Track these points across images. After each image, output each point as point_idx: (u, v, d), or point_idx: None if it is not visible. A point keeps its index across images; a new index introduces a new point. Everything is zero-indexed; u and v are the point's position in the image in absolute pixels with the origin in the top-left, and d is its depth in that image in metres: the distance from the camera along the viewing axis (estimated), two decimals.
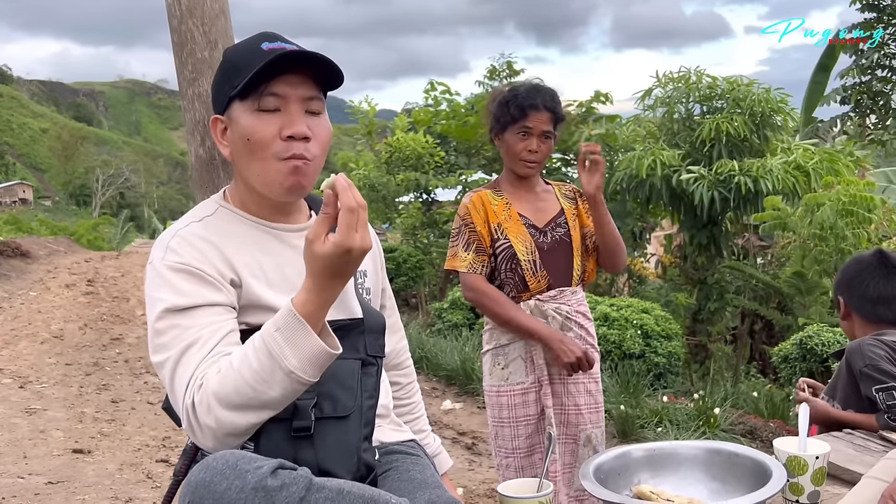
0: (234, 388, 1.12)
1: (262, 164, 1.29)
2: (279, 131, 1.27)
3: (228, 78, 1.30)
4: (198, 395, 1.14)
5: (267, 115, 1.27)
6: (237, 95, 1.28)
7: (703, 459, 1.52)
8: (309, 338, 1.11)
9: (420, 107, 11.78)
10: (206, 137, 2.01)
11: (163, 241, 1.30)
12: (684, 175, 6.67)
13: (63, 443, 4.53)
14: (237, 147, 1.32)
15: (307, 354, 1.11)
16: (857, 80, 13.42)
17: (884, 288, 2.05)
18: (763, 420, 4.73)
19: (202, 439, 1.16)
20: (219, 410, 1.13)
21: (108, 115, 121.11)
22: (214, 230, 1.31)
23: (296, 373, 1.11)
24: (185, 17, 2.05)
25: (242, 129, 1.29)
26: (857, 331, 2.11)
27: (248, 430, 1.16)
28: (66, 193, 70.90)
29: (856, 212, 5.25)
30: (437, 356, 6.43)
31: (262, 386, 1.11)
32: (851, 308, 2.12)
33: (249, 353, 1.13)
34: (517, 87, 2.29)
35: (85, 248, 20.88)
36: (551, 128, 2.24)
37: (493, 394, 2.30)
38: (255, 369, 1.12)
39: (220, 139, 1.37)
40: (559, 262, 2.28)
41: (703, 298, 7.32)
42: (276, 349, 1.11)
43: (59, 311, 9.42)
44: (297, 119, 1.27)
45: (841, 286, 2.16)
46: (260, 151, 1.28)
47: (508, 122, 2.24)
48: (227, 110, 1.32)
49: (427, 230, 10.95)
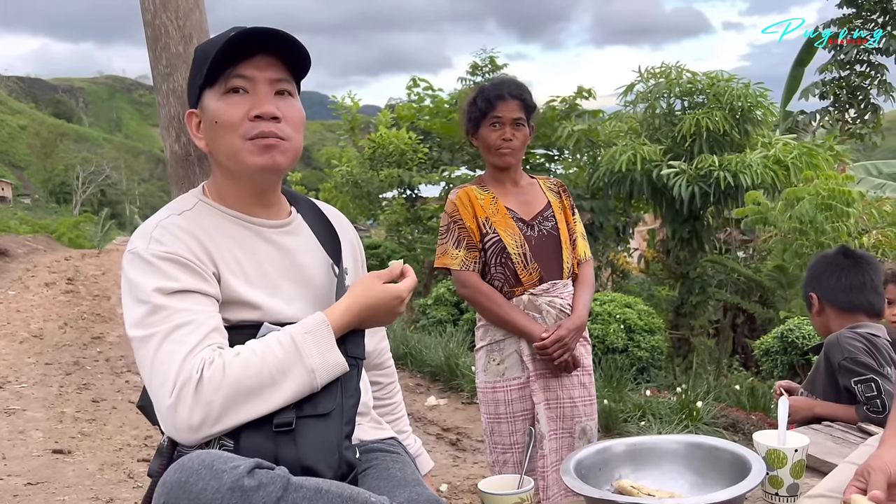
0: (255, 372, 1.15)
1: (232, 145, 1.29)
2: (247, 112, 1.28)
3: (199, 69, 1.31)
4: (208, 370, 1.14)
5: (235, 96, 1.28)
6: (205, 83, 1.29)
7: (684, 454, 1.52)
8: (333, 348, 1.23)
9: (403, 102, 11.75)
10: (181, 133, 1.99)
11: (145, 231, 1.28)
12: (665, 170, 6.70)
13: (43, 443, 4.47)
14: (209, 134, 1.32)
15: (328, 362, 1.21)
16: (837, 74, 13.55)
17: (854, 277, 2.11)
18: (745, 413, 4.77)
19: (188, 418, 1.13)
20: (230, 389, 1.14)
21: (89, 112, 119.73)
22: (194, 223, 1.30)
23: (315, 372, 1.19)
24: (159, 11, 2.02)
25: (211, 114, 1.30)
26: (832, 323, 2.13)
27: (237, 422, 1.15)
28: (46, 191, 70.05)
29: (834, 206, 5.30)
30: (422, 352, 6.43)
31: (280, 377, 1.16)
32: (825, 302, 2.16)
33: (274, 345, 1.19)
34: (483, 84, 2.34)
35: (66, 245, 20.67)
36: (522, 115, 2.25)
37: (488, 390, 2.29)
38: (279, 359, 1.17)
39: (195, 133, 1.36)
40: (549, 255, 2.28)
41: (686, 292, 7.37)
42: (304, 347, 1.20)
43: (38, 310, 9.31)
44: (265, 100, 1.29)
45: (812, 283, 2.21)
46: (229, 133, 1.29)
47: (479, 117, 2.26)
48: (199, 102, 1.32)
49: (411, 226, 10.93)
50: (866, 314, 2.10)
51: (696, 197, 6.59)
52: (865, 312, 2.10)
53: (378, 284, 1.30)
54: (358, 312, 1.28)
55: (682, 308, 7.43)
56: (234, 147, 1.29)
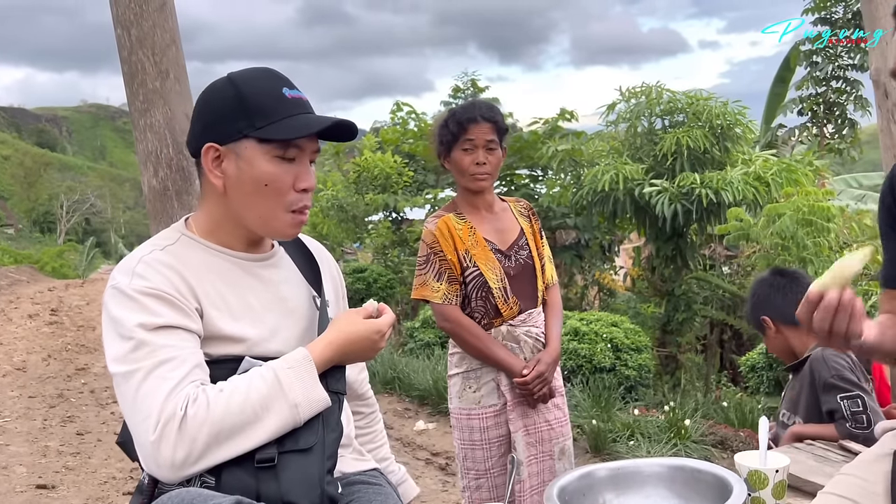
0: (238, 409, 1.16)
1: (272, 210, 1.32)
2: (294, 182, 1.31)
3: (248, 115, 1.29)
4: (192, 408, 1.14)
5: (286, 163, 1.31)
6: (256, 137, 1.29)
7: (667, 476, 1.52)
8: (316, 383, 1.24)
9: (387, 126, 11.81)
10: (158, 168, 1.99)
11: (127, 266, 1.28)
12: (647, 188, 6.75)
13: (26, 478, 4.40)
14: (243, 185, 1.31)
15: (311, 398, 1.22)
16: (813, 91, 13.74)
17: (797, 292, 2.16)
18: (734, 430, 4.77)
19: (171, 455, 1.13)
20: (214, 426, 1.14)
21: (73, 141, 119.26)
22: (177, 258, 1.30)
23: (298, 407, 1.19)
24: (135, 47, 2.03)
25: (260, 174, 1.29)
26: (792, 341, 2.18)
27: (220, 458, 1.15)
28: (30, 220, 69.49)
29: (815, 221, 5.36)
30: (410, 376, 6.39)
31: (263, 412, 1.17)
32: (779, 322, 2.19)
33: (256, 381, 1.20)
34: (454, 107, 2.34)
35: (49, 276, 20.46)
36: (495, 137, 2.24)
37: (462, 417, 2.29)
38: (262, 394, 1.18)
39: (211, 168, 1.32)
40: (526, 286, 2.30)
41: (672, 310, 7.39)
42: (287, 382, 1.20)
43: (21, 342, 9.20)
44: (310, 172, 1.35)
45: (759, 308, 2.25)
46: (275, 198, 1.31)
47: (451, 140, 2.25)
48: (234, 144, 1.30)
49: (397, 249, 10.93)
50: None
51: (678, 214, 6.64)
52: None
53: (359, 319, 1.33)
54: (340, 346, 1.29)
55: (669, 325, 7.45)
56: (273, 213, 1.32)
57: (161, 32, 2.07)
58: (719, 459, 4.24)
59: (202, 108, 1.35)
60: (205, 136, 1.32)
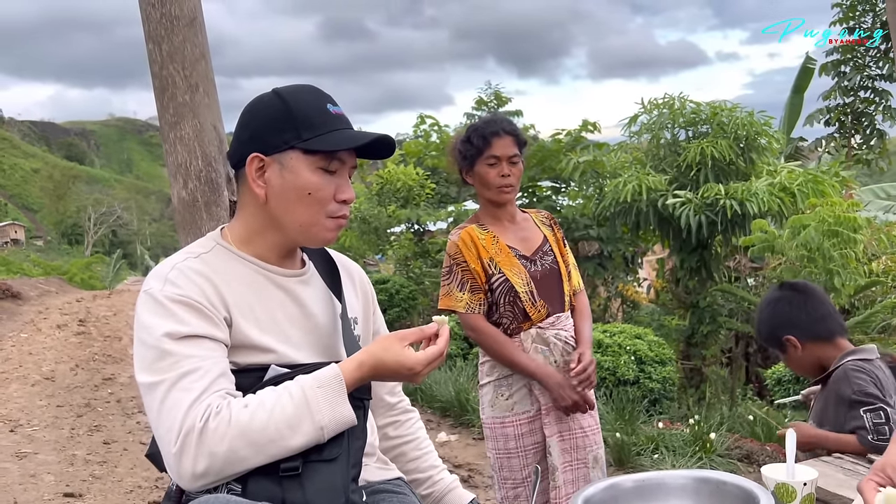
0: (262, 426, 1.16)
1: (314, 218, 1.36)
2: (335, 192, 1.35)
3: (295, 127, 1.33)
4: (213, 421, 1.15)
5: (328, 175, 1.34)
6: (302, 148, 1.33)
7: (692, 489, 1.51)
8: (345, 403, 1.23)
9: (410, 139, 11.87)
10: (188, 180, 2.03)
11: (160, 273, 1.31)
12: (670, 199, 6.72)
13: (54, 486, 4.46)
14: (286, 194, 1.34)
15: (338, 418, 1.22)
16: (841, 101, 13.60)
17: (817, 307, 2.15)
18: (759, 444, 4.71)
19: (191, 466, 1.15)
20: (235, 441, 1.14)
21: (100, 154, 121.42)
22: (210, 267, 1.33)
23: (324, 430, 1.19)
24: (166, 62, 2.08)
25: (304, 183, 1.33)
26: (820, 355, 2.15)
27: (242, 470, 1.16)
28: (58, 233, 70.77)
29: (841, 232, 5.30)
30: (432, 388, 6.39)
31: (288, 432, 1.17)
32: (805, 340, 2.15)
33: (284, 398, 1.20)
34: (474, 123, 2.38)
35: (77, 287, 20.78)
36: (517, 151, 2.29)
37: (497, 426, 2.29)
38: (287, 414, 1.18)
39: (254, 178, 1.35)
40: (553, 290, 2.31)
41: (696, 322, 7.33)
42: (315, 403, 1.20)
43: (50, 352, 9.34)
44: (349, 186, 1.39)
45: (782, 328, 2.18)
46: (315, 207, 1.35)
47: (475, 154, 2.28)
48: (280, 154, 1.34)
49: (420, 260, 10.97)
50: (841, 334, 2.15)
51: (703, 226, 6.60)
52: (840, 334, 2.14)
53: (396, 349, 1.29)
54: (370, 369, 1.28)
55: (693, 338, 7.38)
56: (314, 220, 1.36)
57: (191, 47, 2.12)
58: (745, 474, 4.18)
59: (248, 119, 1.37)
60: (250, 146, 1.35)
